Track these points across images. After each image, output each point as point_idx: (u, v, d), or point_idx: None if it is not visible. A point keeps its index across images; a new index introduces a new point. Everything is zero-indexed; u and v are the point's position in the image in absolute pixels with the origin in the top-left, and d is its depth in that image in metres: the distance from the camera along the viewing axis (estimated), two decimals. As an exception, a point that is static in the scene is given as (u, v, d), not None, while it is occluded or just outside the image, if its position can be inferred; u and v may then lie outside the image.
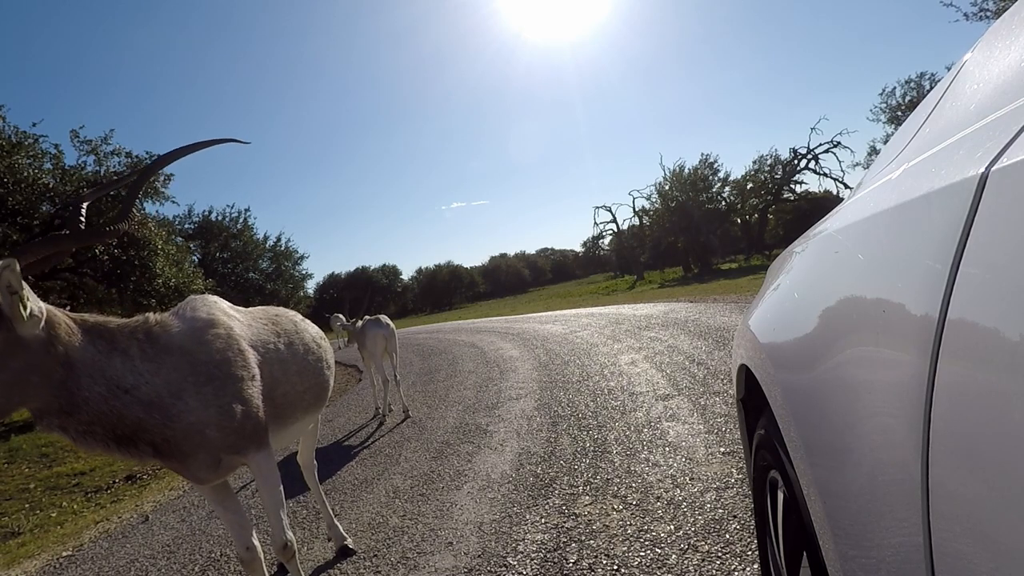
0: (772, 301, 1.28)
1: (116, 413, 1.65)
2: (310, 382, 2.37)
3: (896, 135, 1.13)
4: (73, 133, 11.77)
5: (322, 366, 2.49)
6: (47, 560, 3.66)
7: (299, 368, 2.30)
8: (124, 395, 1.67)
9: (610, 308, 14.43)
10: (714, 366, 5.46)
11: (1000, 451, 0.38)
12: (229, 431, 1.87)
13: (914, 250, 0.60)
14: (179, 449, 1.79)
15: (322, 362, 2.50)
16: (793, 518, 0.98)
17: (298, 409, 2.31)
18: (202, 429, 1.81)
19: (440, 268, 51.59)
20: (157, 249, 12.01)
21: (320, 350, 2.52)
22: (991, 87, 0.66)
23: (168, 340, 1.85)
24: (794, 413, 0.89)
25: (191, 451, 1.82)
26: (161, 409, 1.74)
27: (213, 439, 1.85)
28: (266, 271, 27.74)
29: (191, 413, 1.79)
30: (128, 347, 1.75)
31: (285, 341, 2.29)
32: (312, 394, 2.39)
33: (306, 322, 2.61)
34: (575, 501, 2.96)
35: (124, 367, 1.71)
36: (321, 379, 2.47)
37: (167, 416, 1.75)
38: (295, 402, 2.28)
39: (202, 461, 1.87)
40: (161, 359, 1.80)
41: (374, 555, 2.77)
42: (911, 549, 0.49)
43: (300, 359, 2.33)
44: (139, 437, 1.72)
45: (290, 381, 2.23)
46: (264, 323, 2.28)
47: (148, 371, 1.75)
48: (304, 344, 2.40)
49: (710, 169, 32.07)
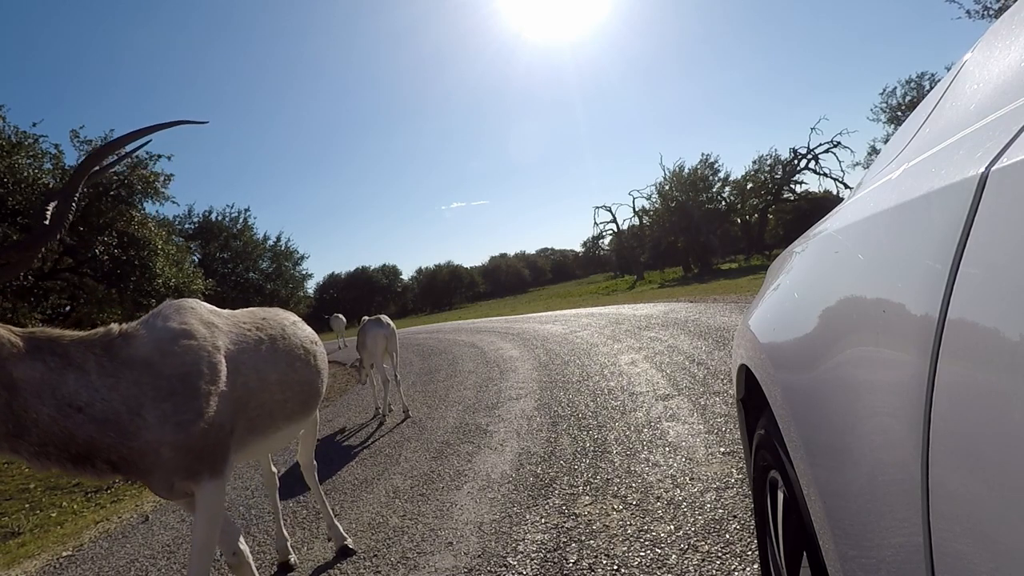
0: (772, 301, 1.28)
1: (67, 433, 1.58)
2: (293, 391, 2.26)
3: (896, 135, 1.13)
4: (73, 133, 11.80)
5: (310, 373, 2.40)
6: (47, 560, 3.66)
7: (280, 378, 2.20)
8: (77, 414, 1.60)
9: (610, 308, 14.43)
10: (714, 366, 5.46)
11: (1000, 451, 0.38)
12: (184, 451, 1.77)
13: (914, 250, 0.60)
14: (136, 467, 1.73)
15: (310, 369, 2.41)
16: (793, 518, 0.98)
17: (279, 419, 2.21)
18: (157, 448, 1.72)
19: (440, 268, 51.59)
20: (157, 249, 12.02)
21: (309, 356, 2.42)
22: (991, 87, 0.66)
23: (130, 353, 1.76)
24: (794, 413, 0.89)
25: (147, 470, 1.75)
26: (117, 427, 1.66)
27: (167, 460, 1.75)
28: (266, 271, 27.75)
29: (148, 431, 1.70)
30: (84, 362, 1.67)
31: (268, 348, 2.19)
32: (295, 403, 2.29)
33: (298, 325, 2.52)
34: (575, 501, 2.96)
35: (78, 384, 1.63)
36: (306, 387, 2.36)
37: (123, 434, 1.67)
38: (274, 412, 2.18)
39: (158, 482, 1.80)
40: (120, 373, 1.71)
41: (374, 555, 2.77)
42: (911, 549, 0.49)
43: (283, 368, 2.23)
44: (95, 456, 1.65)
45: (268, 391, 2.13)
46: (247, 329, 2.18)
47: (105, 387, 1.66)
48: (290, 351, 2.30)
49: (710, 169, 32.10)
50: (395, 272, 53.07)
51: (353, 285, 48.80)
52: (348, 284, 49.19)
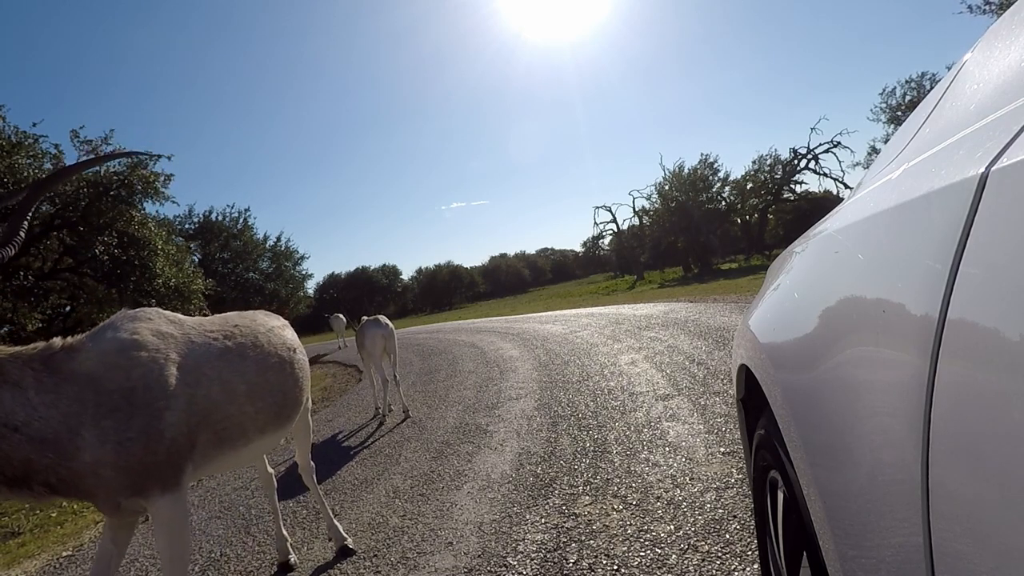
0: (772, 301, 1.28)
1: (2, 455, 1.50)
2: (264, 402, 2.16)
3: (896, 135, 1.13)
4: (73, 133, 11.75)
5: (284, 382, 2.30)
6: (47, 560, 3.66)
7: (249, 389, 2.10)
8: (12, 434, 1.51)
9: (610, 308, 14.43)
10: (714, 366, 5.46)
11: (1000, 451, 0.38)
12: (127, 471, 1.66)
13: (914, 250, 0.60)
14: (77, 489, 1.64)
15: (285, 377, 2.31)
16: (793, 518, 0.98)
17: (250, 431, 2.11)
18: (96, 469, 1.62)
19: (440, 268, 51.59)
20: (157, 249, 12.00)
21: (285, 364, 2.33)
22: (991, 87, 0.66)
23: (72, 367, 1.67)
24: (794, 413, 0.89)
25: (89, 491, 1.66)
26: (56, 447, 1.57)
27: (109, 480, 1.64)
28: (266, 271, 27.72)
29: (87, 450, 1.60)
30: (21, 379, 1.57)
31: (236, 357, 2.09)
32: (268, 414, 2.19)
33: (274, 332, 2.41)
34: (575, 501, 2.96)
35: (14, 402, 1.53)
36: (280, 397, 2.26)
37: (62, 454, 1.57)
38: (244, 424, 2.08)
39: (102, 503, 1.71)
40: (60, 390, 1.61)
41: (374, 555, 2.77)
42: (911, 549, 0.49)
43: (252, 377, 2.12)
44: (32, 478, 1.56)
45: (235, 403, 2.03)
46: (213, 338, 2.08)
47: (43, 404, 1.57)
48: (262, 359, 2.20)
49: (710, 169, 32.09)
50: (395, 272, 53.08)
51: (353, 285, 48.79)
52: (348, 284, 49.17)
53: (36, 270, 11.91)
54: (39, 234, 11.36)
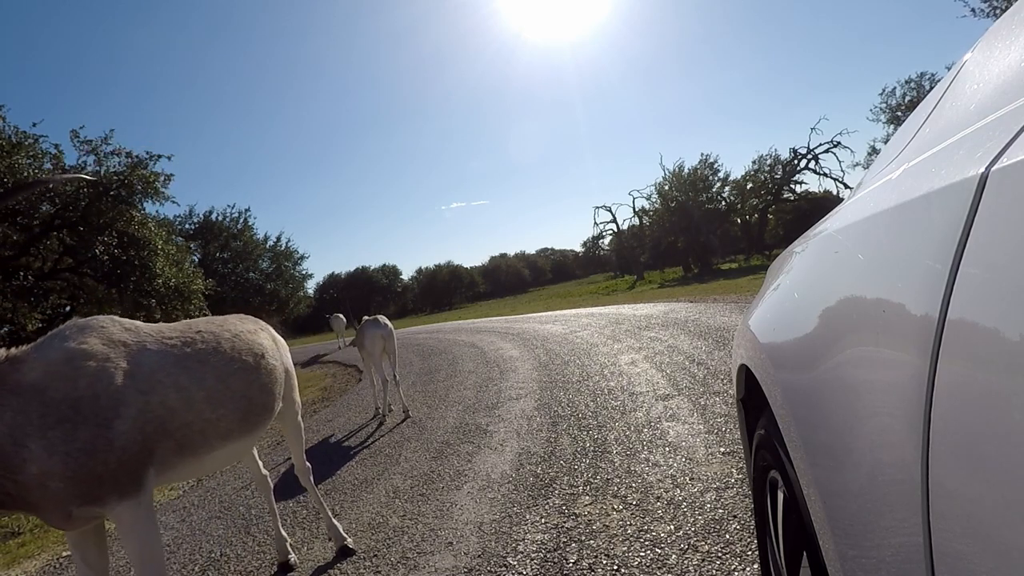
0: (772, 301, 1.28)
1: None
2: (227, 408, 2.11)
3: (896, 135, 1.13)
4: (73, 133, 11.74)
5: (250, 388, 2.24)
6: (47, 560, 3.66)
7: (209, 395, 2.05)
8: None
9: (610, 308, 14.43)
10: (714, 366, 5.46)
11: (1000, 451, 0.38)
12: (76, 481, 1.64)
13: (914, 250, 0.60)
14: (25, 502, 1.62)
15: (251, 383, 2.25)
16: (793, 518, 0.98)
17: (212, 438, 2.06)
18: (44, 481, 1.59)
19: (440, 268, 51.60)
20: (157, 249, 12.01)
21: (250, 370, 2.27)
22: (991, 87, 0.66)
23: (17, 378, 1.65)
24: (794, 413, 0.89)
25: (37, 504, 1.64)
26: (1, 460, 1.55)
27: (57, 491, 1.62)
28: (266, 271, 27.70)
29: (33, 462, 1.58)
30: None
31: (195, 363, 2.05)
32: (232, 421, 2.14)
33: (243, 337, 2.34)
34: (575, 501, 2.96)
35: None
36: (245, 404, 2.21)
37: (7, 467, 1.55)
38: (206, 431, 2.03)
39: (52, 515, 1.68)
40: (5, 402, 1.59)
41: (374, 555, 2.77)
42: (911, 549, 0.49)
43: (212, 384, 2.07)
44: None
45: (194, 410, 1.99)
46: (172, 344, 2.04)
47: None
48: (224, 365, 2.15)
49: (710, 169, 32.08)
50: (395, 272, 53.11)
51: (353, 285, 48.80)
52: (348, 284, 49.18)
53: (36, 270, 11.91)
54: (39, 234, 11.36)
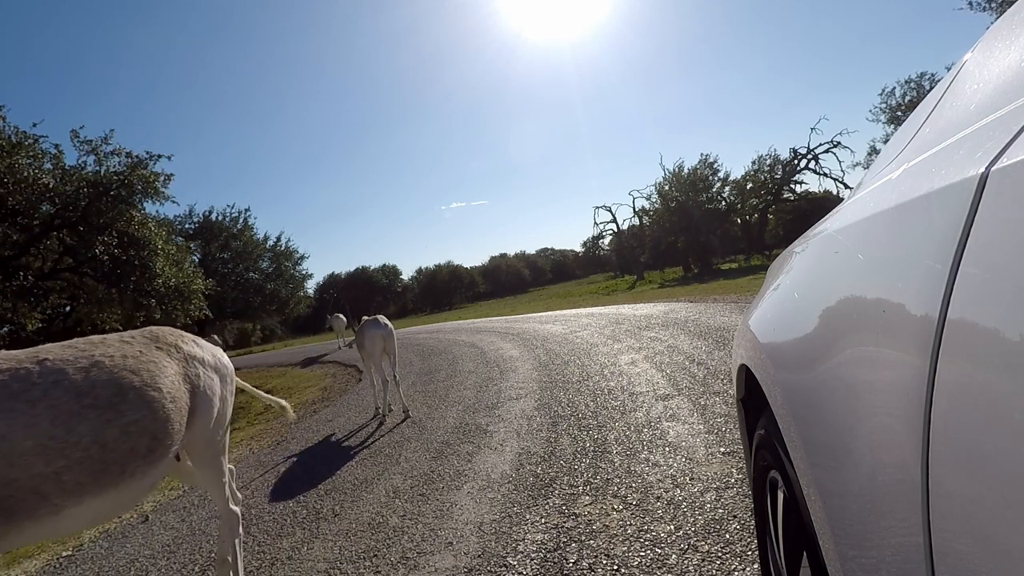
0: (772, 301, 1.28)
1: None
2: (69, 459, 1.71)
3: (896, 135, 1.13)
4: (73, 133, 11.74)
5: (106, 432, 1.81)
6: (47, 560, 3.66)
7: (42, 443, 1.66)
8: None
9: (610, 308, 14.43)
10: (714, 366, 5.46)
11: (1000, 451, 0.38)
12: None
13: (914, 250, 0.60)
14: None
15: (112, 427, 1.82)
16: (793, 518, 0.98)
17: (54, 496, 1.69)
18: None
19: (440, 268, 51.61)
20: (157, 249, 12.01)
21: (118, 407, 1.85)
22: (991, 87, 0.66)
23: None
24: (794, 413, 0.89)
25: None
26: None
27: None
28: (266, 271, 27.71)
29: None
30: None
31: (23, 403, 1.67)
32: (79, 473, 1.74)
33: (118, 362, 1.94)
34: (575, 501, 2.96)
35: None
36: (99, 452, 1.78)
37: None
38: (42, 489, 1.67)
39: None
40: None
41: (374, 555, 2.77)
42: (911, 549, 0.49)
43: (46, 430, 1.68)
44: None
45: (20, 464, 1.63)
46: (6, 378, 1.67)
47: None
48: (71, 403, 1.75)
49: (710, 169, 32.07)
50: (395, 272, 53.15)
51: (353, 285, 48.84)
52: (348, 284, 49.24)
53: (36, 270, 11.91)
54: (39, 234, 11.37)
